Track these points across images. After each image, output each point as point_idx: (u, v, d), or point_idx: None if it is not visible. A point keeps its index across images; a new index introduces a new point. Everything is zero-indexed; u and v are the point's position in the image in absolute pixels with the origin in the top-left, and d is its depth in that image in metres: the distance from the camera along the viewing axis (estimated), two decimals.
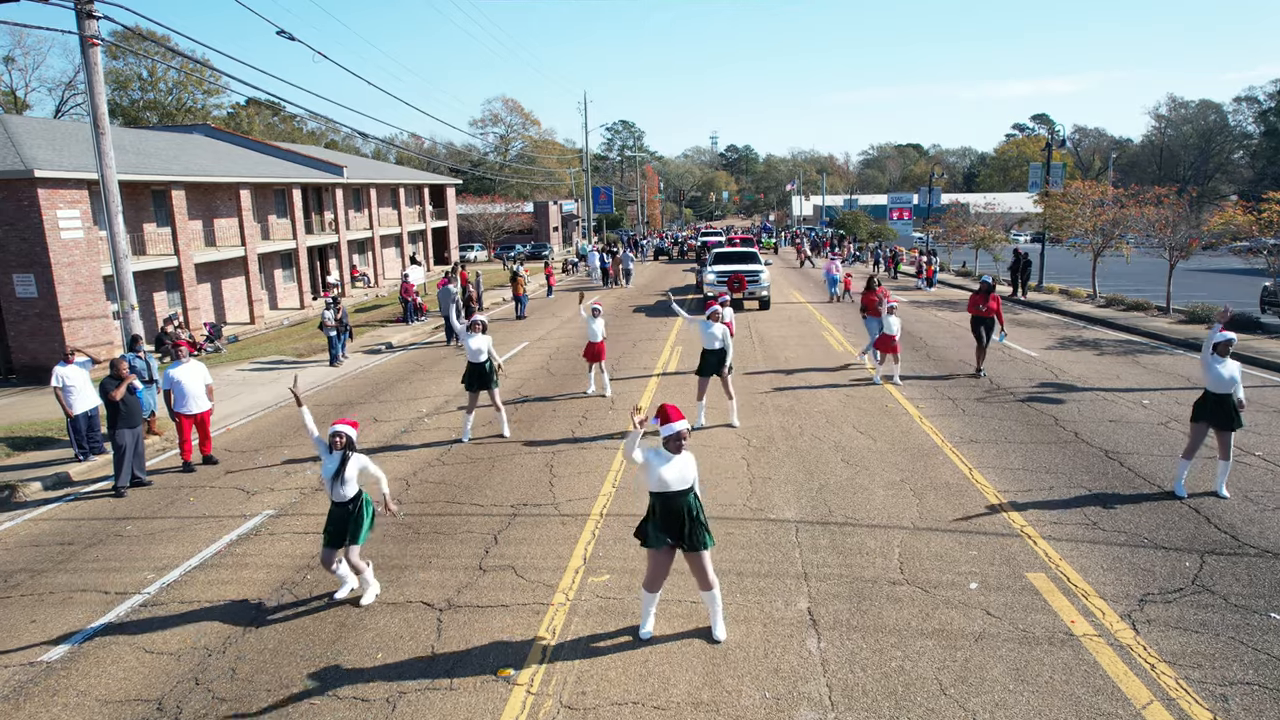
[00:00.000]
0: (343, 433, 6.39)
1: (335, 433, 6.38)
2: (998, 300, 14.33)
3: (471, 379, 11.33)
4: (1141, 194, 25.48)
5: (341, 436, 6.37)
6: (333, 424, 6.51)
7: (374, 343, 22.33)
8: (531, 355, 18.62)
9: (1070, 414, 11.44)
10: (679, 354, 17.67)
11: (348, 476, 6.35)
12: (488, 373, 11.24)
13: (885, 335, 13.79)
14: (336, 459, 6.37)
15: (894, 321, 13.82)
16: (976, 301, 14.34)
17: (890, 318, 13.77)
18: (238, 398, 16.02)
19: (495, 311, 28.74)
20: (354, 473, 6.41)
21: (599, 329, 13.35)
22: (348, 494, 6.38)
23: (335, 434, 6.37)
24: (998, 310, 14.28)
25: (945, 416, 11.49)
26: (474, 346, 11.18)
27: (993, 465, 9.23)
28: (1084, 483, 8.57)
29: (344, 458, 6.36)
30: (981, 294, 14.32)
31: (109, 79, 68.83)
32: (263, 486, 9.88)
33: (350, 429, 6.46)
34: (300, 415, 6.81)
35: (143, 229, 25.81)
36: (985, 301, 14.20)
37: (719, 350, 11.24)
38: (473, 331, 11.25)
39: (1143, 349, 17.21)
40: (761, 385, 14.09)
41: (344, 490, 6.36)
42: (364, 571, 6.50)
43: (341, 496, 6.37)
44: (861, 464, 9.43)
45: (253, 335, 28.09)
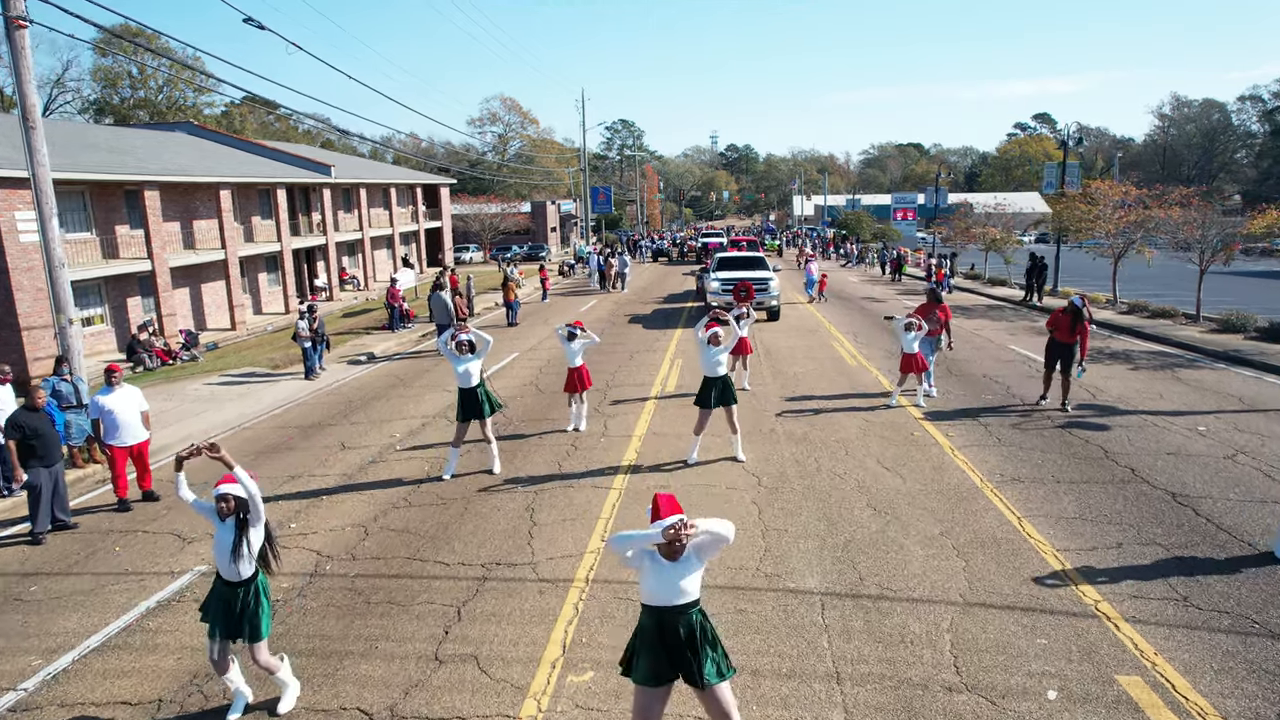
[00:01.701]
0: (229, 495, 5.01)
1: (220, 496, 5.01)
2: (1087, 330, 12.02)
3: (465, 408, 9.69)
4: (1166, 194, 24.22)
5: (228, 500, 5.01)
6: (216, 485, 5.13)
7: (356, 352, 21.05)
8: (520, 368, 17.32)
9: (1119, 444, 10.15)
10: (679, 368, 16.37)
11: (243, 553, 5.03)
12: (482, 400, 9.67)
13: (908, 354, 12.43)
14: (230, 528, 5.04)
15: (912, 335, 12.44)
16: (1061, 323, 11.94)
17: (910, 334, 12.42)
18: (201, 416, 14.73)
19: (487, 317, 27.45)
20: (255, 544, 5.11)
21: (578, 352, 11.51)
22: (244, 572, 5.07)
23: (221, 498, 5.01)
24: (1084, 339, 11.94)
25: (979, 447, 10.19)
26: (462, 370, 9.62)
27: (1044, 512, 7.93)
28: (1156, 537, 7.27)
29: (239, 524, 5.04)
30: (1069, 316, 11.87)
31: (96, 76, 67.62)
32: (202, 531, 8.58)
33: (238, 488, 5.04)
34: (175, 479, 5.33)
35: (114, 231, 24.49)
36: (1073, 326, 11.83)
37: (722, 378, 9.69)
38: (460, 353, 9.62)
39: (1179, 362, 15.93)
40: (770, 405, 12.79)
41: (239, 568, 5.05)
42: (278, 671, 5.21)
43: (236, 575, 5.06)
44: (891, 510, 8.14)
45: (233, 342, 26.77)
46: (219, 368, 20.24)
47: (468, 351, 9.61)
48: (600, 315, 26.21)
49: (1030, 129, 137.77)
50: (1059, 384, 12.08)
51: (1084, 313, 11.82)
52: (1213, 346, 17.05)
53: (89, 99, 70.36)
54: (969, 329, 20.98)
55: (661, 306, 27.46)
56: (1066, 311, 11.97)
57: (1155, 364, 15.74)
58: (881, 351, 17.53)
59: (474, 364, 9.64)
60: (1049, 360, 12.17)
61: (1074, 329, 11.79)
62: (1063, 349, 11.90)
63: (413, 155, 69.81)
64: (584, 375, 11.55)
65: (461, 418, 9.70)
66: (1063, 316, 11.99)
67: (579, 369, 11.51)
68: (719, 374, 9.66)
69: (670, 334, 20.73)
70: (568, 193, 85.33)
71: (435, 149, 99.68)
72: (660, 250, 58.98)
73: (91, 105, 70.48)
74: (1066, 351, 11.89)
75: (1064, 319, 11.93)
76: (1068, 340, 11.83)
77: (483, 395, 9.65)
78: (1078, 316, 11.79)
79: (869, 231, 72.34)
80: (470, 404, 9.66)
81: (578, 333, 11.58)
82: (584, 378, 11.56)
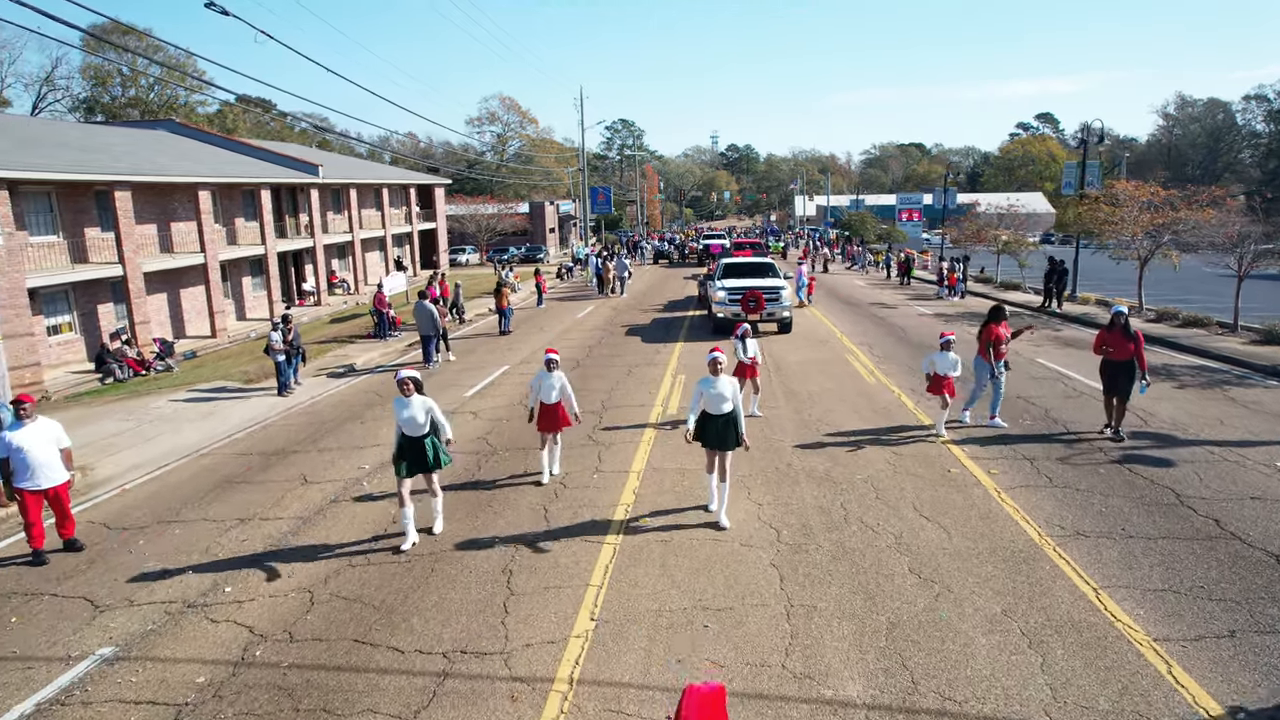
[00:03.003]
0: None
1: None
2: (1140, 339, 10.55)
3: (410, 461, 7.95)
4: (1196, 194, 22.89)
5: None
6: None
7: (336, 363, 19.72)
8: (509, 384, 15.97)
9: (1191, 484, 8.80)
10: (682, 386, 15.01)
11: None
12: (427, 452, 7.92)
13: (938, 376, 10.96)
14: None
15: (952, 357, 10.98)
16: (1114, 340, 10.55)
17: (949, 354, 10.92)
18: (156, 440, 13.39)
19: (478, 324, 26.10)
20: None
21: (556, 386, 9.45)
22: None
23: None
24: (1139, 352, 10.41)
25: (1029, 489, 8.84)
26: (407, 415, 7.84)
27: (1124, 582, 6.58)
28: (1277, 622, 5.91)
29: None
30: (1119, 331, 10.53)
31: (86, 75, 66.20)
32: (119, 597, 7.24)
33: None
34: None
35: (83, 234, 23.15)
36: (1124, 341, 10.44)
37: (726, 417, 7.95)
38: (403, 393, 7.89)
39: (1226, 378, 14.59)
40: (786, 434, 11.43)
41: None
42: None
43: None
44: (939, 577, 6.79)
45: (213, 350, 25.46)
46: (190, 380, 18.93)
47: (413, 392, 7.90)
48: (597, 323, 24.87)
49: (1033, 129, 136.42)
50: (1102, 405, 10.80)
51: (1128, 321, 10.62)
52: (1260, 360, 15.70)
53: (79, 97, 69.02)
54: None
55: (661, 315, 26.10)
56: (1116, 327, 10.62)
57: (1201, 381, 14.40)
58: (901, 366, 16.18)
59: (417, 407, 7.88)
60: (1108, 384, 10.74)
61: (1126, 340, 10.46)
62: (1122, 369, 10.50)
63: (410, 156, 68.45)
64: (560, 415, 9.58)
65: (406, 472, 7.95)
66: (1113, 334, 10.61)
67: (556, 406, 9.54)
68: (723, 411, 7.94)
69: (671, 347, 19.35)
70: (567, 193, 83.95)
71: (434, 149, 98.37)
72: (661, 252, 57.56)
73: (82, 104, 69.11)
74: (1126, 371, 10.48)
75: (1117, 336, 10.54)
76: (1126, 358, 10.44)
77: (431, 446, 7.93)
78: (1126, 326, 10.54)
79: (873, 232, 70.97)
80: (417, 456, 7.95)
81: (554, 358, 9.66)
82: (560, 417, 9.59)
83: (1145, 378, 10.45)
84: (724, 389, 7.91)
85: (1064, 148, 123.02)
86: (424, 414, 7.88)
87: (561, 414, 9.57)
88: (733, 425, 7.95)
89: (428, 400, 8.00)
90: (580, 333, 22.76)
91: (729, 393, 7.92)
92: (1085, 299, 27.20)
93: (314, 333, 26.92)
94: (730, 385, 7.96)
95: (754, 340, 12.07)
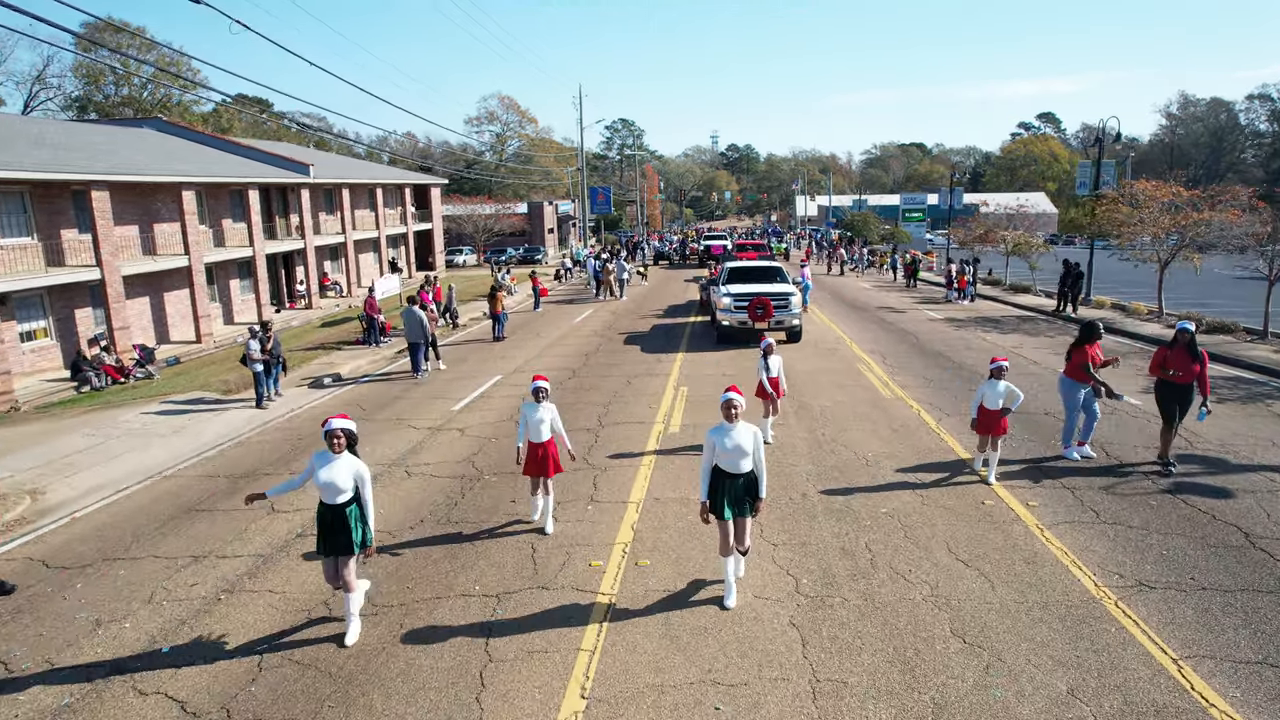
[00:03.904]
0: None
1: None
2: (1206, 359, 9.39)
3: (326, 536, 6.22)
4: (1219, 194, 21.97)
5: None
6: None
7: (321, 371, 18.76)
8: (501, 397, 15.02)
9: (1256, 519, 7.85)
10: (684, 399, 14.05)
11: None
12: (352, 526, 6.16)
13: (985, 411, 9.09)
14: None
15: (1003, 387, 9.04)
16: (1172, 361, 9.37)
17: (1001, 384, 9.06)
18: (120, 459, 12.43)
19: (472, 329, 25.15)
20: None
21: (545, 420, 7.97)
22: None
23: None
24: (1203, 375, 9.28)
25: (1074, 525, 7.88)
26: (326, 478, 6.08)
27: (1208, 649, 5.62)
28: None
29: None
30: (1182, 349, 9.30)
31: (78, 73, 65.24)
32: (39, 658, 6.29)
33: None
34: None
35: (59, 236, 22.19)
36: (1189, 361, 9.26)
37: (744, 477, 6.31)
38: (331, 448, 6.12)
39: (1266, 391, 13.65)
40: (799, 457, 10.47)
41: None
42: None
43: None
44: (987, 641, 5.84)
45: (197, 356, 24.51)
46: (167, 390, 17.98)
47: (344, 448, 6.16)
48: (595, 328, 23.91)
49: (1035, 129, 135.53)
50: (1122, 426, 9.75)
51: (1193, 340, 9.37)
52: None
53: (72, 96, 68.08)
54: (1006, 347, 18.68)
55: (662, 321, 25.11)
56: (1179, 344, 9.40)
57: (1240, 394, 13.45)
58: (917, 377, 15.23)
59: (342, 468, 6.12)
60: (1167, 410, 9.47)
61: (1190, 361, 9.29)
62: (1182, 393, 9.38)
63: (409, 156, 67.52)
64: (550, 456, 8.00)
65: (325, 550, 6.26)
66: (1176, 352, 9.39)
67: (545, 445, 7.97)
68: (741, 470, 6.30)
69: (672, 357, 18.36)
70: (566, 193, 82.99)
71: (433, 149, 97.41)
72: (661, 253, 56.60)
73: (75, 102, 68.19)
74: (1183, 393, 9.37)
75: (1181, 355, 9.33)
76: (1189, 380, 9.31)
77: (353, 520, 6.19)
78: (1191, 344, 9.32)
79: (876, 233, 70.04)
80: (334, 530, 6.16)
81: (543, 386, 8.13)
82: (550, 458, 8.00)
83: (1207, 404, 9.30)
84: (743, 440, 6.25)
85: (1066, 148, 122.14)
86: (349, 478, 6.15)
87: (553, 455, 8.02)
88: (754, 487, 6.39)
89: (358, 464, 6.24)
90: (577, 339, 21.82)
91: (749, 444, 6.26)
92: (1100, 302, 26.26)
93: (303, 337, 25.98)
94: (751, 436, 6.28)
95: (778, 357, 10.99)
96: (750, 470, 6.35)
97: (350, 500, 6.21)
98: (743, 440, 6.26)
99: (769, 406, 10.96)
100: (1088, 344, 9.96)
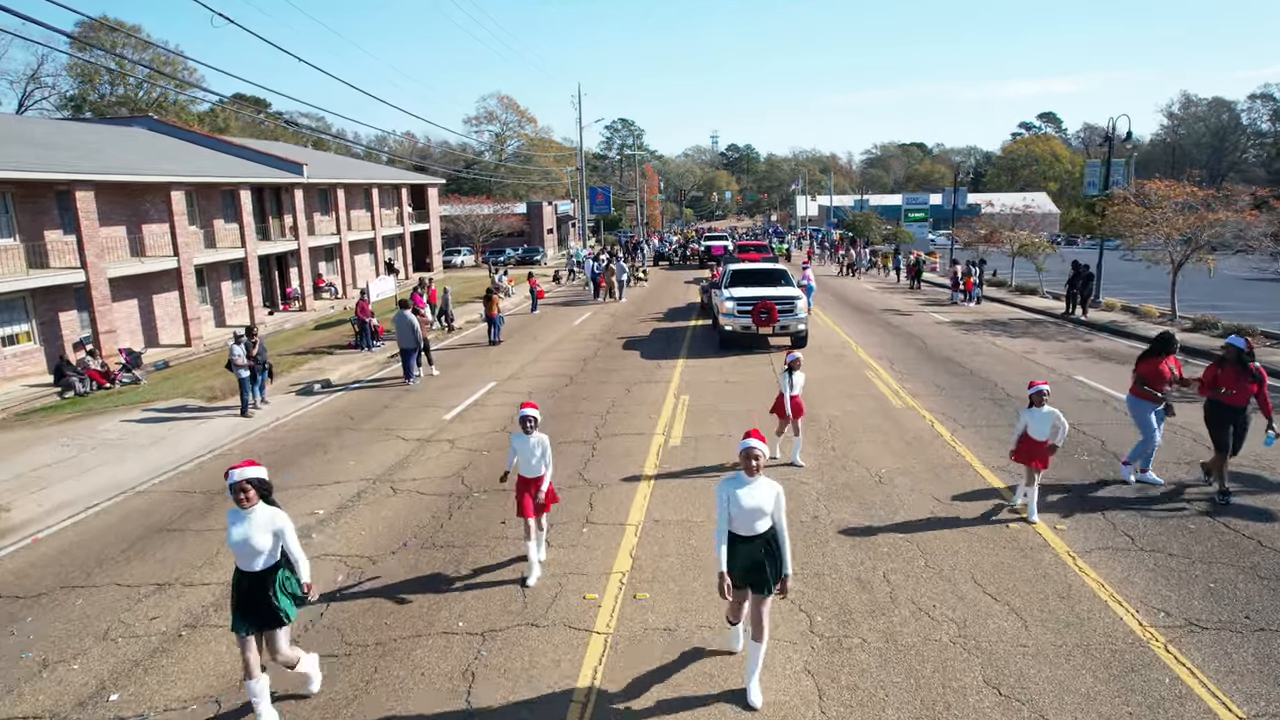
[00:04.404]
0: None
1: None
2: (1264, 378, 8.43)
3: (244, 609, 5.19)
4: (1235, 193, 21.39)
5: None
6: None
7: (311, 377, 18.17)
8: (495, 405, 14.41)
9: None
10: (685, 409, 13.44)
11: None
12: (273, 596, 5.17)
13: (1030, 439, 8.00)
14: None
15: (1048, 413, 7.88)
16: (1225, 380, 8.46)
17: (1044, 410, 7.90)
18: (93, 472, 11.84)
19: (468, 332, 24.55)
20: None
21: (537, 453, 7.01)
22: None
23: None
24: (1263, 395, 8.38)
25: (1109, 553, 7.28)
26: (239, 536, 5.11)
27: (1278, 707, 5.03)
28: None
29: None
30: (1233, 367, 8.41)
31: (73, 72, 64.65)
32: None
33: None
34: None
35: (44, 237, 21.61)
36: (1244, 380, 8.35)
37: (763, 538, 5.21)
38: (240, 503, 5.14)
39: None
40: (809, 474, 9.86)
41: None
42: None
43: None
44: (1026, 693, 5.23)
45: (187, 360, 23.91)
46: (150, 397, 17.39)
47: (255, 501, 5.17)
48: (593, 331, 23.31)
49: (1036, 128, 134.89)
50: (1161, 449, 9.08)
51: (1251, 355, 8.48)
52: None
53: (66, 95, 67.51)
54: (1018, 351, 18.09)
55: (661, 324, 24.49)
56: (1230, 361, 8.48)
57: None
58: (927, 385, 14.63)
59: (257, 525, 5.12)
60: (1220, 434, 8.46)
61: (1243, 379, 8.40)
62: (1236, 415, 8.51)
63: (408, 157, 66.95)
64: (539, 493, 7.10)
65: (243, 627, 5.14)
66: (1227, 370, 8.46)
67: (536, 481, 7.06)
68: (757, 530, 5.17)
69: (673, 363, 17.73)
70: (566, 193, 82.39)
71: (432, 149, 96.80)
72: (661, 254, 55.97)
73: (70, 101, 67.62)
74: (1242, 417, 8.53)
75: (1233, 374, 8.41)
76: (1245, 402, 8.48)
77: (279, 587, 5.19)
78: (1243, 359, 8.41)
79: (879, 233, 69.43)
80: (255, 602, 5.16)
81: (532, 415, 7.00)
82: (540, 496, 7.11)
83: (1273, 426, 8.32)
84: (763, 498, 5.12)
85: (1067, 148, 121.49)
86: (267, 536, 5.13)
87: (542, 493, 7.09)
88: (775, 554, 5.22)
89: (276, 515, 5.20)
90: (574, 343, 21.21)
91: (770, 502, 5.14)
92: (1110, 305, 25.66)
93: (296, 340, 25.41)
94: (772, 493, 5.16)
95: (801, 374, 10.17)
96: (769, 530, 5.21)
97: (274, 565, 5.18)
98: (763, 499, 5.14)
99: (786, 425, 10.13)
100: (1160, 357, 8.90)
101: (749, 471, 5.14)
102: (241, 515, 5.16)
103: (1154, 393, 8.95)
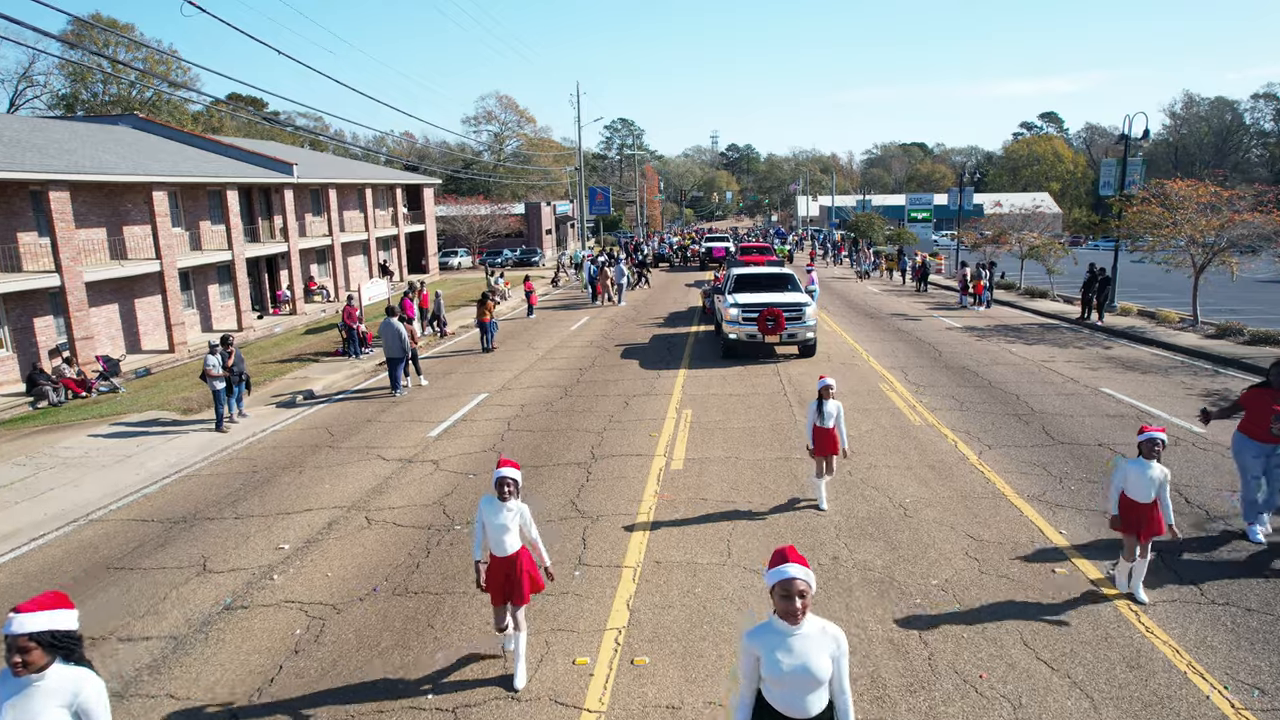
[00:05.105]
0: None
1: None
2: None
3: None
4: (1264, 193, 20.51)
5: None
6: None
7: (294, 388, 17.25)
8: (485, 420, 13.48)
9: None
10: (688, 425, 12.51)
11: None
12: None
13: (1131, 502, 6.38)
14: None
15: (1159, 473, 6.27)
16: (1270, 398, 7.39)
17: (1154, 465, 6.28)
18: (46, 496, 10.92)
19: (461, 338, 23.62)
20: None
21: (512, 526, 5.49)
22: None
23: None
24: None
25: (1178, 607, 6.35)
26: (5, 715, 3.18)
27: None
28: None
29: None
30: None
31: (64, 69, 63.71)
32: None
33: None
34: None
35: (16, 239, 20.71)
36: None
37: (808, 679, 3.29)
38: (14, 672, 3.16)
39: None
40: (827, 507, 8.95)
41: None
42: None
43: None
44: None
45: (170, 367, 23.03)
46: (123, 409, 16.50)
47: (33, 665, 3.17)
48: (591, 337, 22.38)
49: (1037, 128, 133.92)
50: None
51: None
52: None
53: (59, 94, 66.59)
54: (1036, 359, 17.17)
55: (662, 330, 23.55)
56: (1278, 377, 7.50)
57: None
58: (946, 398, 13.70)
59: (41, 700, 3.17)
60: None
61: None
62: None
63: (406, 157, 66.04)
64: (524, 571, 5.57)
65: None
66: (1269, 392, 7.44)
67: (513, 558, 5.54)
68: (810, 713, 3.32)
69: (673, 374, 16.80)
70: (565, 193, 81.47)
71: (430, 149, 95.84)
72: (661, 255, 55.05)
73: (62, 100, 66.70)
74: None
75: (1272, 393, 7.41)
76: None
77: None
78: None
79: (881, 234, 68.51)
80: None
81: (511, 477, 5.49)
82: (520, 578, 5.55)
83: None
84: (813, 655, 3.26)
85: (1069, 147, 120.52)
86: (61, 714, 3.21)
87: (527, 570, 5.59)
88: None
89: (80, 682, 3.24)
90: (570, 351, 20.28)
91: (825, 665, 3.27)
92: (1126, 309, 24.76)
93: (284, 345, 24.51)
94: (828, 649, 3.29)
95: (837, 402, 8.67)
96: (824, 712, 3.32)
97: None
98: (813, 656, 3.25)
99: (823, 465, 8.69)
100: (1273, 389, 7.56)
101: (790, 617, 3.24)
102: (16, 685, 3.19)
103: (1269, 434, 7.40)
